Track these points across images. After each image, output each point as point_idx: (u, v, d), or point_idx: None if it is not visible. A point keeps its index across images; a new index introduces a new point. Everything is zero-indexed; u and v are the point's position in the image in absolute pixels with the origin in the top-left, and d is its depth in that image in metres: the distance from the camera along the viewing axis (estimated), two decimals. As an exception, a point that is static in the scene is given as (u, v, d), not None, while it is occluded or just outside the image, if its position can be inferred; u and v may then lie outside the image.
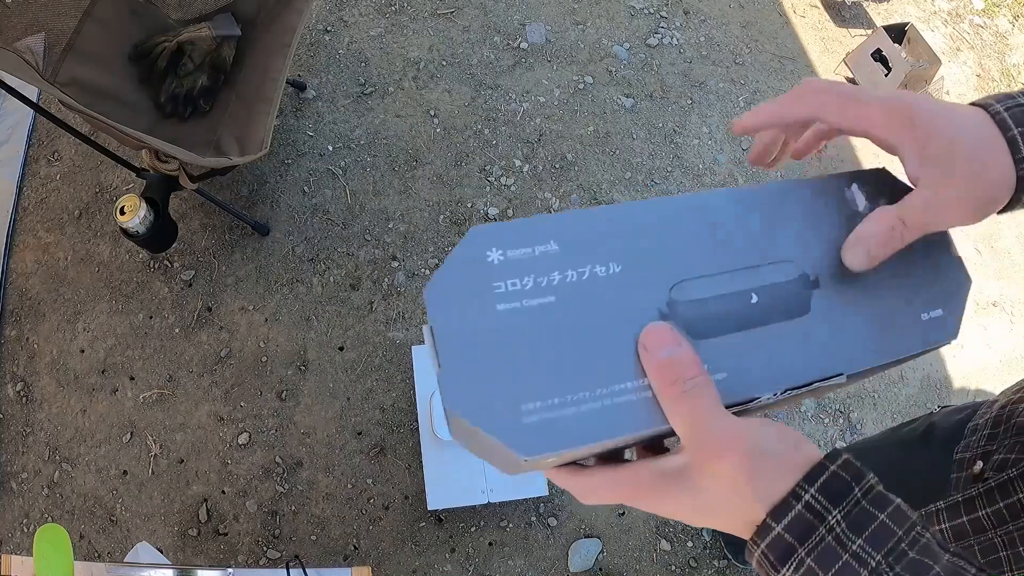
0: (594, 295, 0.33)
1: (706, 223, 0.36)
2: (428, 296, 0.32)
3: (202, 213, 1.72)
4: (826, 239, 0.38)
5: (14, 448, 1.53)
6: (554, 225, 0.34)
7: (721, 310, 0.35)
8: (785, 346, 0.35)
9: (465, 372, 0.30)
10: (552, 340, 0.32)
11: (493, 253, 0.32)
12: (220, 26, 1.58)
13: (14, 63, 1.15)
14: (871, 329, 0.37)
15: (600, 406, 0.31)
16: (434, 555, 1.43)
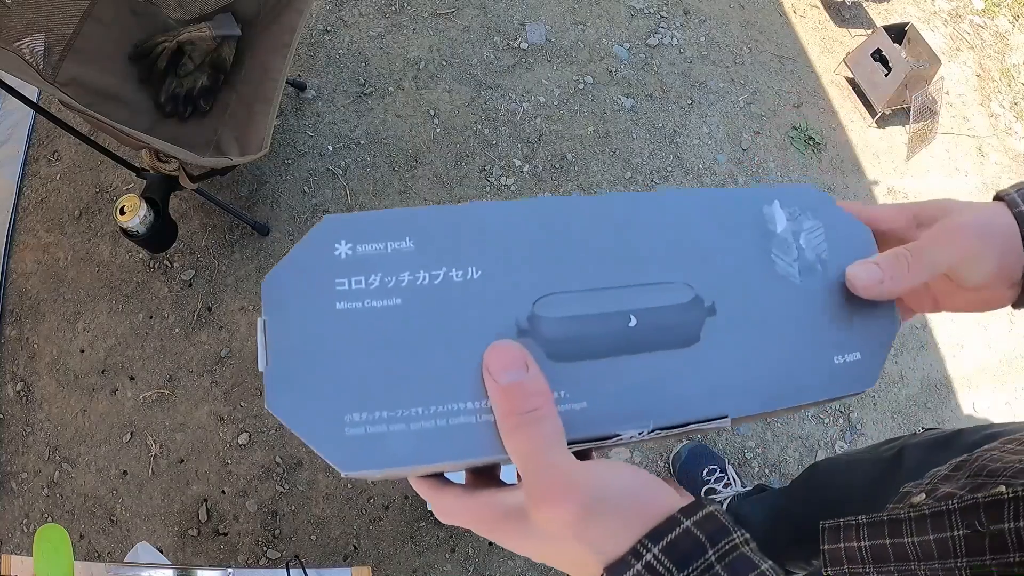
0: (446, 302, 0.29)
1: (591, 231, 0.31)
2: (265, 287, 0.28)
3: (202, 213, 1.72)
4: (732, 259, 0.33)
5: (14, 448, 1.53)
6: (415, 220, 0.30)
7: (591, 331, 0.30)
8: (662, 379, 0.31)
9: (291, 374, 0.28)
10: (389, 347, 0.28)
11: (342, 246, 0.29)
12: (220, 26, 1.58)
13: (14, 63, 1.15)
14: (770, 369, 0.32)
15: (433, 425, 0.28)
16: (434, 555, 1.43)
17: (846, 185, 1.95)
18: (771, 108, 2.03)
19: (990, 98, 2.22)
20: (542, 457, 0.27)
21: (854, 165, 2.00)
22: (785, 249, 0.34)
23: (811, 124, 2.03)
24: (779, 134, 1.99)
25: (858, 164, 2.01)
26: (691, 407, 0.30)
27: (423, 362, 0.28)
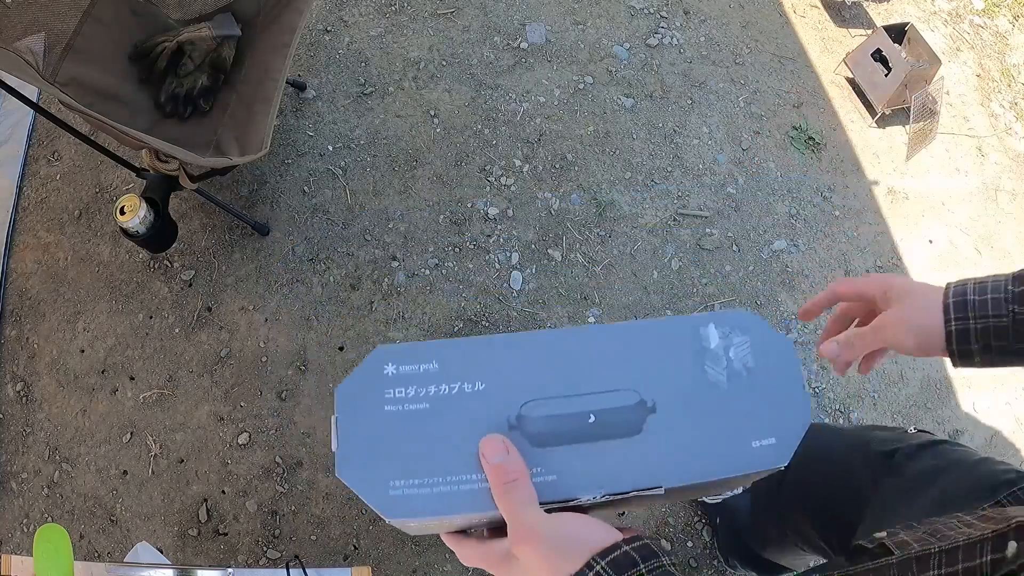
0: (459, 406, 0.42)
1: (565, 356, 0.43)
2: (337, 395, 0.42)
3: (202, 213, 1.72)
4: (672, 370, 0.44)
5: (14, 448, 1.53)
6: (439, 349, 0.43)
7: (560, 427, 0.42)
8: (612, 459, 0.42)
9: (354, 455, 0.42)
10: (419, 438, 0.41)
11: (389, 367, 0.43)
12: (220, 26, 1.58)
13: (14, 63, 1.15)
14: (697, 451, 0.43)
15: (448, 490, 0.41)
16: (434, 555, 1.43)
17: (846, 185, 1.95)
18: (771, 108, 2.03)
19: (990, 98, 2.22)
20: (518, 514, 0.39)
21: (854, 165, 2.00)
22: (716, 361, 0.44)
23: (811, 124, 2.03)
24: (779, 134, 1.99)
25: (858, 164, 2.01)
26: (633, 480, 0.41)
27: (442, 448, 0.41)
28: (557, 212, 1.78)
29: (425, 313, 1.64)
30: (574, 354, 0.45)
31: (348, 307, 1.64)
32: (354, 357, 1.59)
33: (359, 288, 1.66)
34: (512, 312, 1.65)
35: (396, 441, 0.42)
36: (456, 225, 1.75)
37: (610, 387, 0.44)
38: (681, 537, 1.48)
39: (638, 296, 1.70)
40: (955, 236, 1.95)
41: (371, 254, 1.70)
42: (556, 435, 0.43)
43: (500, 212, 1.77)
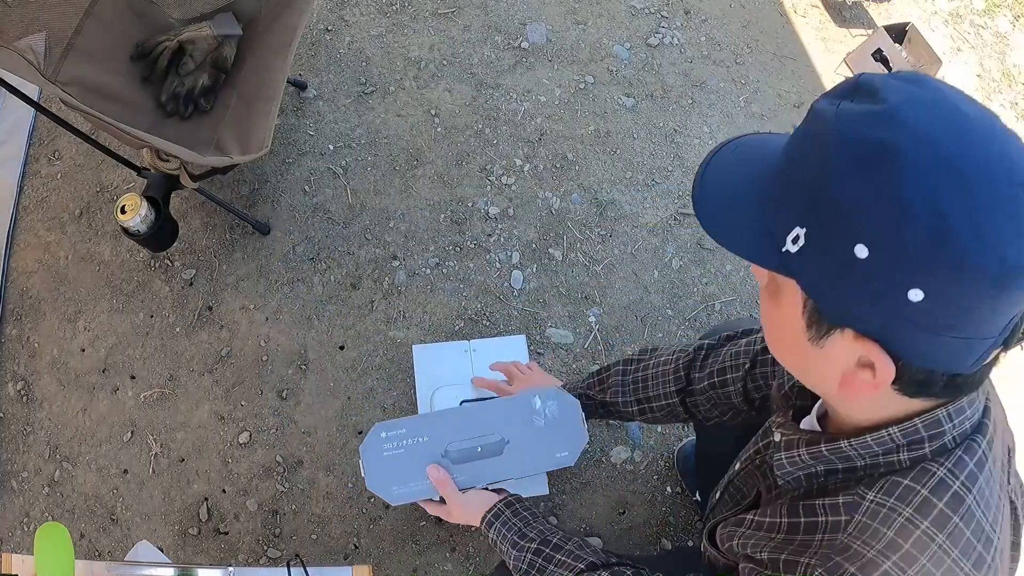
0: (417, 449, 1.05)
1: (467, 419, 1.08)
2: (361, 449, 1.06)
3: (203, 212, 1.72)
4: (516, 422, 1.08)
5: (14, 447, 1.53)
6: (406, 424, 1.06)
7: (466, 454, 1.05)
8: (490, 467, 1.05)
9: (373, 477, 1.05)
10: (401, 466, 1.05)
11: (384, 434, 1.06)
12: (221, 25, 1.58)
13: (15, 62, 1.15)
14: (529, 459, 1.07)
15: (418, 487, 1.05)
16: (434, 554, 1.43)
17: (847, 185, 1.95)
18: (772, 108, 2.03)
19: (990, 98, 2.22)
20: (448, 495, 1.03)
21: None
22: (538, 414, 1.08)
23: (812, 124, 2.03)
24: (780, 134, 1.99)
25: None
26: (497, 476, 1.05)
27: (413, 470, 1.05)
28: (558, 211, 1.78)
29: (426, 312, 1.64)
30: (470, 419, 1.08)
31: (349, 306, 1.64)
32: (354, 356, 1.59)
33: (360, 287, 1.66)
34: (513, 311, 1.65)
35: (391, 469, 1.06)
36: (457, 224, 1.75)
37: (488, 433, 1.07)
38: (682, 536, 1.48)
39: (639, 295, 1.70)
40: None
41: (372, 253, 1.70)
42: (464, 457, 1.05)
43: (501, 211, 1.77)
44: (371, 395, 1.56)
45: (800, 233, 0.49)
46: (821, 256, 0.48)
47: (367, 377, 1.57)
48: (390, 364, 1.59)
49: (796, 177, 0.51)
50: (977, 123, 0.45)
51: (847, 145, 0.46)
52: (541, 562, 0.90)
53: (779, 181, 0.52)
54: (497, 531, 0.96)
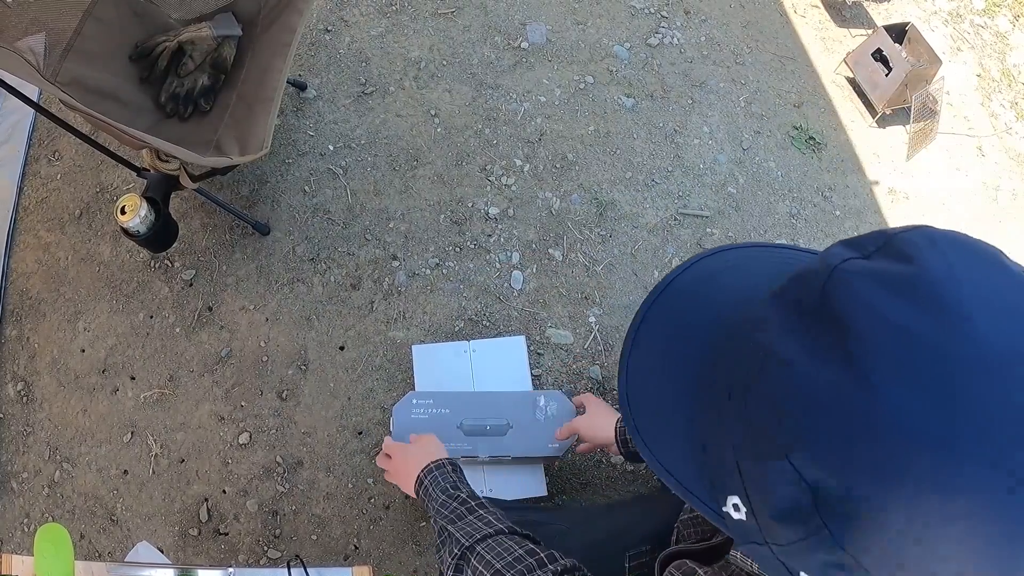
0: (439, 417, 1.32)
1: (481, 402, 1.34)
2: (394, 409, 1.33)
3: (203, 213, 1.72)
4: (521, 413, 1.34)
5: (14, 448, 1.53)
6: (434, 396, 1.34)
7: (477, 429, 1.31)
8: (494, 443, 1.31)
9: (399, 431, 1.30)
10: (423, 427, 1.29)
11: (416, 400, 1.33)
12: (221, 26, 1.58)
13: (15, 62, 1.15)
14: (524, 444, 1.31)
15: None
16: (435, 554, 1.43)
17: (846, 185, 1.96)
18: (772, 108, 2.03)
19: (990, 98, 2.22)
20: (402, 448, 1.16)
21: (854, 165, 2.00)
22: (539, 410, 1.34)
23: (812, 124, 2.03)
24: (780, 134, 1.99)
25: (858, 164, 2.01)
26: (499, 452, 1.30)
27: (432, 430, 1.23)
28: (558, 212, 1.78)
29: (426, 312, 1.64)
30: (485, 403, 1.34)
31: (349, 307, 1.64)
32: (354, 357, 1.59)
33: (360, 288, 1.66)
34: (513, 312, 1.65)
35: (413, 428, 1.27)
36: (457, 225, 1.75)
37: (497, 417, 1.32)
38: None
39: (639, 295, 1.70)
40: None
41: (372, 254, 1.70)
42: (474, 432, 1.31)
43: (501, 212, 1.77)
44: (371, 395, 1.56)
45: (738, 503, 0.39)
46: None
47: (367, 378, 1.57)
48: (390, 364, 1.59)
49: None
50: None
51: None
52: (464, 510, 0.92)
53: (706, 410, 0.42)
54: (433, 479, 1.02)
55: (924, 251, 0.35)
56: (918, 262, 0.35)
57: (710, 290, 0.46)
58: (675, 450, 0.44)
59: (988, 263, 0.36)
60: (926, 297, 0.33)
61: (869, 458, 0.32)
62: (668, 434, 0.44)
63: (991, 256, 0.36)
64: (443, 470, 1.02)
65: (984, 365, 0.32)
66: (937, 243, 0.36)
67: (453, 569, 0.83)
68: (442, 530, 0.90)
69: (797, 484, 0.34)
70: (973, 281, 0.34)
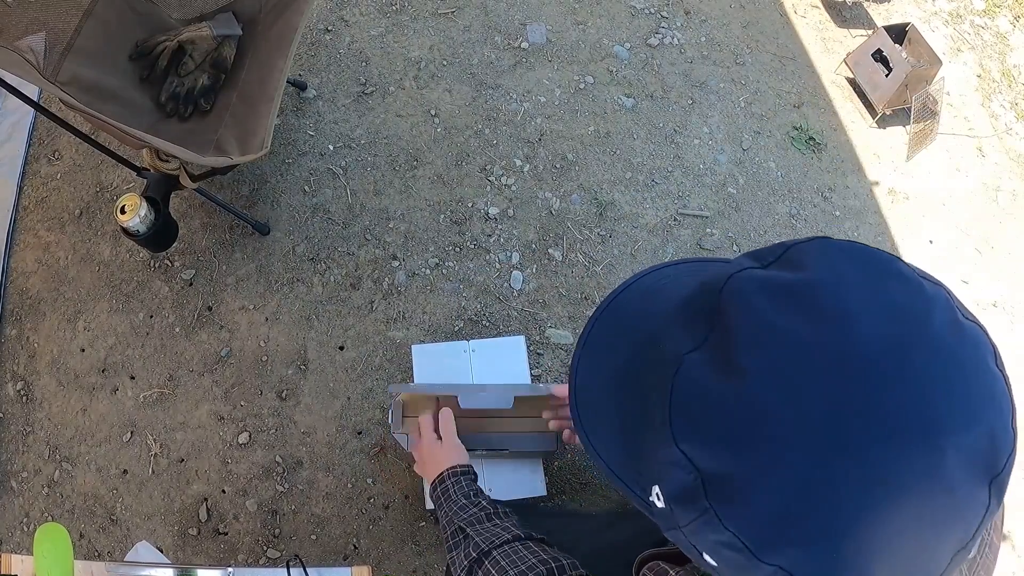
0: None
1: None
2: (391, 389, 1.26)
3: (203, 212, 1.72)
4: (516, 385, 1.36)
5: (14, 447, 1.53)
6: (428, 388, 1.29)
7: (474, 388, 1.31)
8: (493, 436, 1.27)
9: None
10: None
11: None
12: (221, 25, 1.58)
13: (15, 62, 1.15)
14: (521, 438, 1.27)
15: None
16: (434, 555, 1.43)
17: (846, 185, 1.95)
18: (772, 108, 2.03)
19: (990, 98, 2.22)
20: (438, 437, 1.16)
21: (854, 165, 2.00)
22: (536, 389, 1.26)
23: (812, 124, 2.03)
24: (780, 134, 1.99)
25: (858, 164, 2.01)
26: (498, 445, 1.27)
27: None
28: (558, 212, 1.78)
29: (426, 312, 1.64)
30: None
31: (349, 307, 1.64)
32: (354, 356, 1.59)
33: (360, 288, 1.66)
34: (512, 312, 1.65)
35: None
36: (457, 225, 1.75)
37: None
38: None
39: (638, 296, 1.70)
40: (956, 236, 1.95)
41: (371, 253, 1.70)
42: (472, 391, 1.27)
43: (501, 212, 1.77)
44: (371, 395, 1.55)
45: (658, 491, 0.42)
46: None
47: (367, 377, 1.57)
48: (390, 364, 1.59)
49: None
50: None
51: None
52: (483, 515, 0.95)
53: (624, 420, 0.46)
54: (456, 481, 1.06)
55: (816, 260, 0.39)
56: (809, 270, 0.39)
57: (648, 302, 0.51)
58: (611, 443, 0.48)
59: (881, 270, 0.39)
60: (810, 302, 0.37)
61: (743, 444, 0.36)
62: (606, 428, 0.48)
63: (887, 263, 0.39)
64: (468, 476, 1.07)
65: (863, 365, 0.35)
66: (830, 253, 0.40)
67: (467, 571, 0.86)
68: (459, 531, 0.93)
69: (687, 468, 0.38)
70: (860, 287, 0.37)
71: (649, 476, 0.43)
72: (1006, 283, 1.91)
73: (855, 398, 0.34)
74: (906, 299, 0.37)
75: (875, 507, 0.34)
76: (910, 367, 0.35)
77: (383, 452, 1.51)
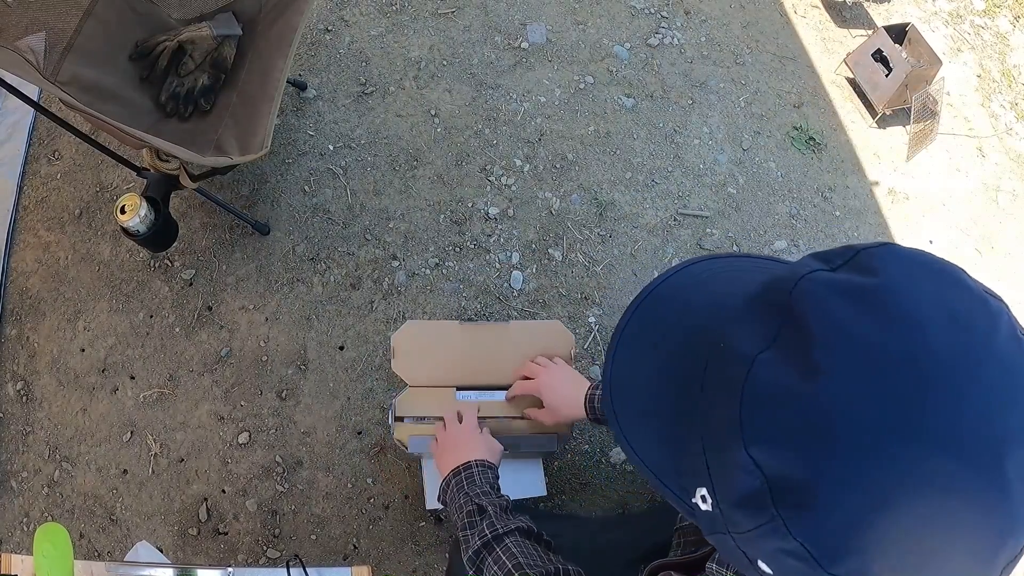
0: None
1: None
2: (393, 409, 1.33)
3: (203, 212, 1.72)
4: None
5: (14, 447, 1.53)
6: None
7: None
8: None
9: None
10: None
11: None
12: (221, 25, 1.58)
13: (15, 62, 1.15)
14: (531, 444, 1.30)
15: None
16: (434, 555, 1.43)
17: (846, 185, 1.95)
18: (772, 108, 2.03)
19: (991, 98, 2.22)
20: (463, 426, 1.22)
21: (854, 165, 2.00)
22: None
23: (812, 124, 2.03)
24: (780, 134, 1.99)
25: (858, 164, 2.01)
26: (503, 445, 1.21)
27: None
28: (558, 212, 1.78)
29: (426, 313, 1.64)
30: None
31: (349, 306, 1.64)
32: (354, 356, 1.59)
33: (360, 287, 1.66)
34: (512, 312, 1.65)
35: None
36: (457, 225, 1.75)
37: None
38: (681, 537, 1.48)
39: (638, 296, 1.70)
40: (956, 236, 1.95)
41: (371, 253, 1.70)
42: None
43: (501, 212, 1.77)
44: (370, 395, 1.56)
45: (706, 494, 0.41)
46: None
47: (367, 377, 1.57)
48: (390, 364, 1.58)
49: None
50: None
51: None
52: (504, 504, 0.97)
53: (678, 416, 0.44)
54: (484, 472, 1.05)
55: (887, 265, 0.38)
56: (881, 275, 0.38)
57: (692, 294, 0.49)
58: (651, 443, 0.46)
59: (950, 281, 0.39)
60: (883, 307, 0.36)
61: (821, 447, 0.35)
62: (645, 427, 0.47)
63: (953, 275, 0.39)
64: (494, 471, 1.08)
65: (935, 373, 0.35)
66: (901, 259, 0.39)
67: (478, 550, 0.90)
68: (478, 510, 0.95)
69: (755, 474, 0.37)
70: (930, 295, 0.37)
71: (695, 477, 0.42)
72: (1006, 283, 1.91)
73: (928, 404, 0.34)
74: (972, 310, 0.37)
75: (942, 517, 0.34)
76: (978, 377, 0.35)
77: (383, 452, 1.51)
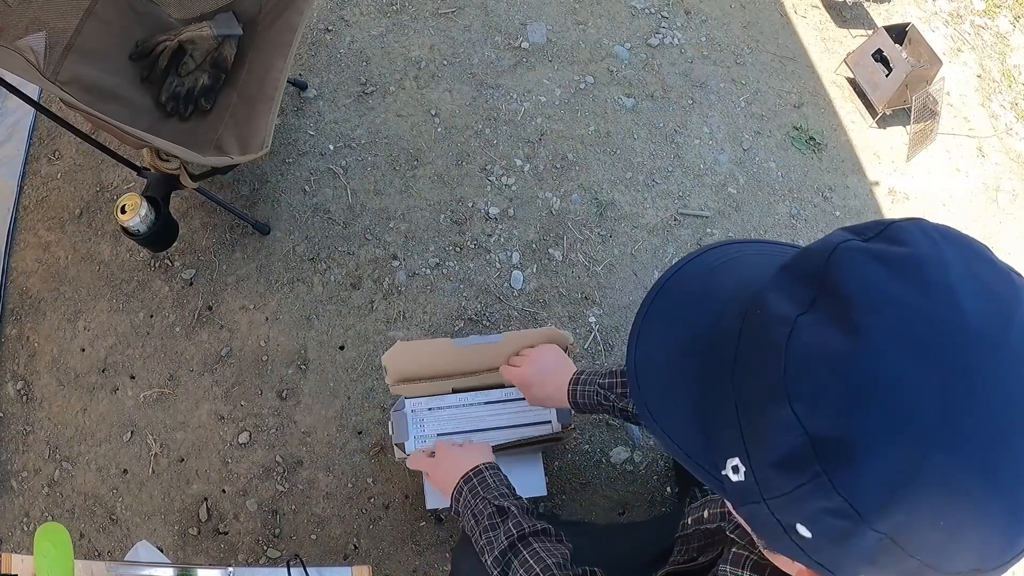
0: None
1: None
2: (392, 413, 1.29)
3: (203, 212, 1.72)
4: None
5: (14, 447, 1.53)
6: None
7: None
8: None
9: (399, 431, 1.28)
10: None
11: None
12: (221, 25, 1.58)
13: (15, 61, 1.15)
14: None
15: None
16: (434, 555, 1.43)
17: (846, 186, 1.95)
18: (772, 108, 2.03)
19: (991, 98, 2.22)
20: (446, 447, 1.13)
21: (854, 165, 2.00)
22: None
23: (812, 124, 2.03)
24: (780, 134, 1.99)
25: (859, 164, 2.01)
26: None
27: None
28: (558, 212, 1.78)
29: (426, 312, 1.64)
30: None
31: (349, 306, 1.64)
32: (354, 356, 1.59)
33: (360, 287, 1.66)
34: (513, 312, 1.65)
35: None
36: (457, 224, 1.75)
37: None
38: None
39: (639, 296, 1.70)
40: (956, 236, 1.95)
41: (372, 253, 1.70)
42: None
43: (501, 211, 1.77)
44: (371, 395, 1.56)
45: (738, 463, 0.42)
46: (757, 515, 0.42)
47: (367, 377, 1.57)
48: (390, 364, 1.59)
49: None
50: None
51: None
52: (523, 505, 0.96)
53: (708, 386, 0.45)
54: (495, 474, 1.01)
55: (918, 238, 0.40)
56: (911, 246, 0.39)
57: (717, 274, 0.50)
58: (678, 418, 0.47)
59: (976, 254, 0.40)
60: (917, 274, 0.38)
61: (865, 402, 0.36)
62: (672, 403, 0.47)
63: (979, 249, 0.41)
64: (503, 473, 1.05)
65: (968, 336, 0.36)
66: (929, 233, 0.41)
67: (508, 544, 0.89)
68: (500, 511, 0.93)
69: (797, 431, 0.37)
70: (959, 265, 0.38)
71: (726, 448, 0.43)
72: (1006, 283, 1.91)
73: (968, 363, 0.35)
74: (998, 283, 0.39)
75: (981, 473, 0.35)
76: (1011, 343, 0.36)
77: (383, 452, 1.51)
